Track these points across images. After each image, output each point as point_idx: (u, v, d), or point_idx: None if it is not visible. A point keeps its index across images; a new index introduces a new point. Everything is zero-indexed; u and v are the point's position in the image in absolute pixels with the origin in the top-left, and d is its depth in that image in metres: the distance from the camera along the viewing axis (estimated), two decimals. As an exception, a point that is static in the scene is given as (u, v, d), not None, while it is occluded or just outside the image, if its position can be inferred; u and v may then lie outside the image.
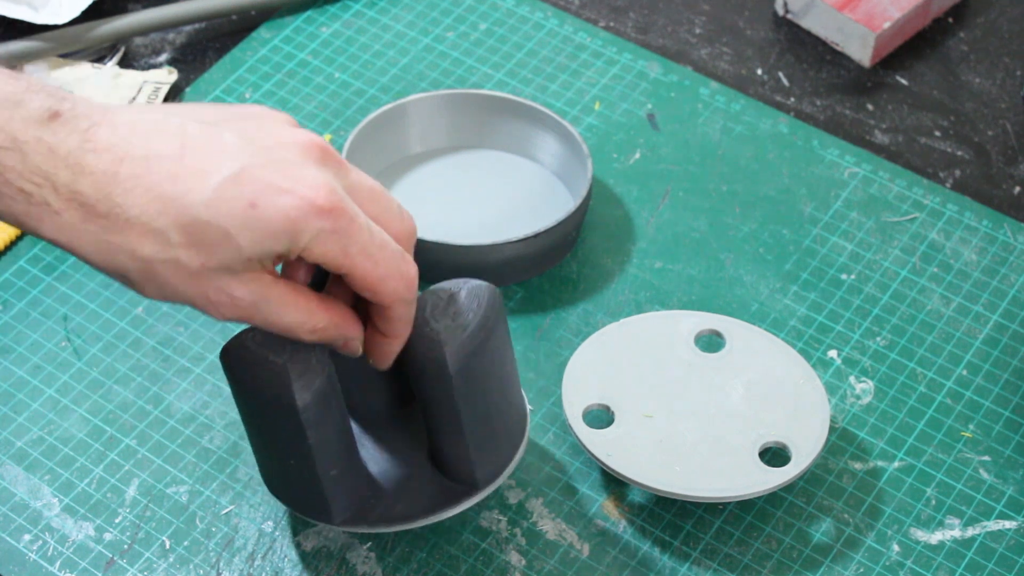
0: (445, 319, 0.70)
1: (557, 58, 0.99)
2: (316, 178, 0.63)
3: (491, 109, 0.93)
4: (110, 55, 0.99)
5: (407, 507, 0.74)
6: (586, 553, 0.77)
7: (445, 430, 0.72)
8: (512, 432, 0.75)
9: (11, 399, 0.83)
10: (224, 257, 0.62)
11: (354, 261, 0.64)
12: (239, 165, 0.62)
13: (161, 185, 0.61)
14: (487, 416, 0.72)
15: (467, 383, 0.70)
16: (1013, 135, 0.96)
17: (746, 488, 0.76)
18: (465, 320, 0.70)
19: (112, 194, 0.61)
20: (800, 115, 0.97)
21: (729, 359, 0.81)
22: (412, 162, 0.93)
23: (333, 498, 0.72)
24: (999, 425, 0.82)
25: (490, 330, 0.71)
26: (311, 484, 0.72)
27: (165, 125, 0.63)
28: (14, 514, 0.78)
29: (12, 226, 0.63)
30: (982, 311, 0.87)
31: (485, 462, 0.73)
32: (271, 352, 0.68)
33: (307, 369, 0.68)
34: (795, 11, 1.01)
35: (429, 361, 0.69)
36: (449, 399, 0.70)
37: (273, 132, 0.65)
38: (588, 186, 0.87)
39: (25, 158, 0.61)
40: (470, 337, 0.70)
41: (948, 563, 0.77)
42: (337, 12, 1.02)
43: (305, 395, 0.68)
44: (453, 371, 0.69)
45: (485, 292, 0.71)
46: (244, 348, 0.69)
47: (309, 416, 0.68)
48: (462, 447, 0.72)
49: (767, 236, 0.90)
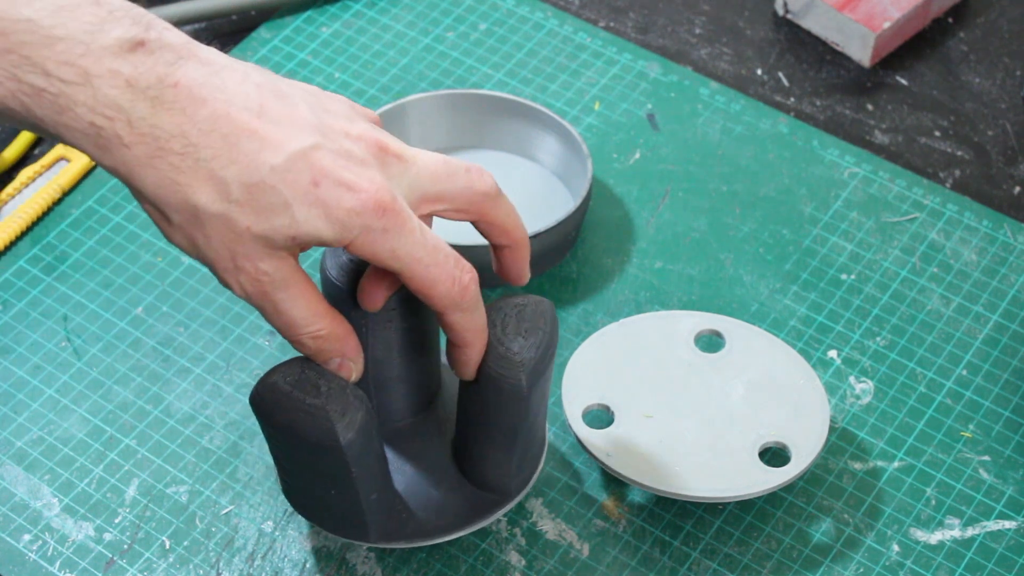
0: (519, 337, 0.69)
1: (557, 58, 0.99)
2: (374, 179, 0.63)
3: (491, 109, 0.93)
4: (110, 55, 0.99)
5: (439, 519, 0.73)
6: (586, 553, 0.77)
7: (496, 443, 0.72)
8: (542, 441, 0.76)
9: (11, 399, 0.83)
10: (274, 225, 0.62)
11: (403, 263, 0.64)
12: (312, 141, 0.62)
13: (238, 136, 0.61)
14: (533, 430, 0.73)
15: (532, 402, 0.70)
16: (1013, 135, 0.96)
17: (746, 488, 0.76)
18: (536, 339, 0.70)
19: (188, 133, 0.61)
20: (800, 115, 0.97)
21: (729, 359, 0.81)
22: (412, 162, 0.93)
23: (372, 520, 0.72)
24: (999, 425, 0.82)
25: (553, 349, 0.71)
26: (351, 509, 0.71)
27: (248, 78, 0.63)
28: (14, 514, 0.78)
29: (79, 151, 0.63)
30: (982, 311, 0.87)
31: (521, 472, 0.74)
32: (307, 394, 0.67)
33: (347, 407, 0.67)
34: (795, 11, 1.01)
35: (505, 380, 0.69)
36: (516, 416, 0.70)
37: (341, 117, 0.65)
38: (588, 186, 0.87)
39: (97, 92, 0.60)
40: (540, 358, 0.69)
41: (948, 563, 0.77)
42: (337, 12, 1.02)
43: (348, 434, 0.67)
44: (527, 391, 0.69)
45: (548, 310, 0.71)
46: (279, 392, 0.67)
47: (354, 453, 0.67)
48: (508, 460, 0.72)
49: (767, 236, 0.90)
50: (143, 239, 0.90)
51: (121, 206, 0.91)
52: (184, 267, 0.88)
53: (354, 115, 0.66)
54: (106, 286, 0.88)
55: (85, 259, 0.89)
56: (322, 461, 0.68)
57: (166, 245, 0.89)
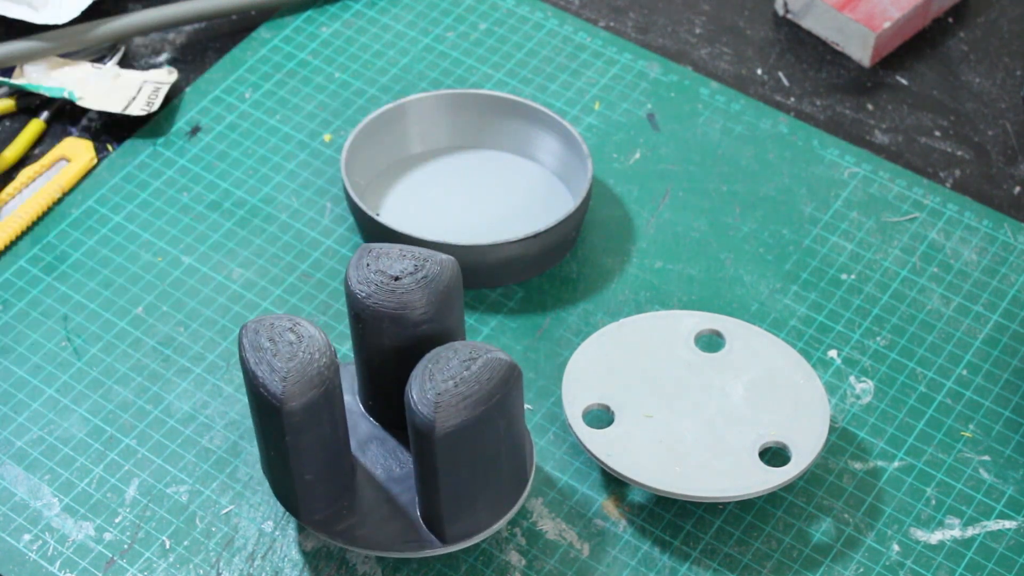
0: (448, 383, 0.69)
1: (557, 58, 0.99)
2: None
3: (492, 109, 0.93)
4: (110, 55, 0.99)
5: (372, 532, 0.74)
6: (586, 553, 0.77)
7: (424, 481, 0.72)
8: (497, 499, 0.73)
9: (11, 399, 0.83)
10: None
11: None
12: None
13: None
14: (470, 482, 0.71)
15: (452, 451, 0.69)
16: (1013, 135, 0.96)
17: (746, 488, 0.76)
18: (468, 390, 0.68)
19: None
20: (800, 115, 0.97)
21: (729, 359, 0.81)
22: (412, 162, 0.93)
23: (303, 499, 0.73)
24: (999, 425, 0.82)
25: (494, 407, 0.69)
26: (285, 479, 0.72)
27: None
28: (14, 514, 0.78)
29: None
30: (982, 311, 0.87)
31: (457, 521, 0.73)
32: (279, 354, 0.69)
33: (303, 379, 0.68)
34: (795, 11, 1.01)
35: (419, 419, 0.68)
36: (431, 458, 0.70)
37: None
38: (588, 186, 0.87)
39: None
40: (465, 409, 0.68)
41: (948, 563, 0.77)
42: (337, 12, 1.02)
43: (293, 404, 0.68)
44: (438, 437, 0.68)
45: (500, 369, 0.69)
46: (261, 335, 0.70)
47: (293, 422, 0.69)
48: (436, 503, 0.72)
49: (767, 236, 0.90)
50: (143, 239, 0.90)
51: (121, 206, 0.91)
52: (184, 267, 0.88)
53: None
54: (106, 286, 0.88)
55: (85, 259, 0.89)
56: (267, 416, 0.70)
57: (166, 245, 0.89)
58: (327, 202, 0.91)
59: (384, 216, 0.90)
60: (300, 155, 0.94)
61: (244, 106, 0.96)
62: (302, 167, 0.93)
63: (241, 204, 0.91)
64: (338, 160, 0.94)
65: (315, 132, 0.95)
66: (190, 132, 0.95)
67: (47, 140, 0.95)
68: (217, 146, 0.94)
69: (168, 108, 0.96)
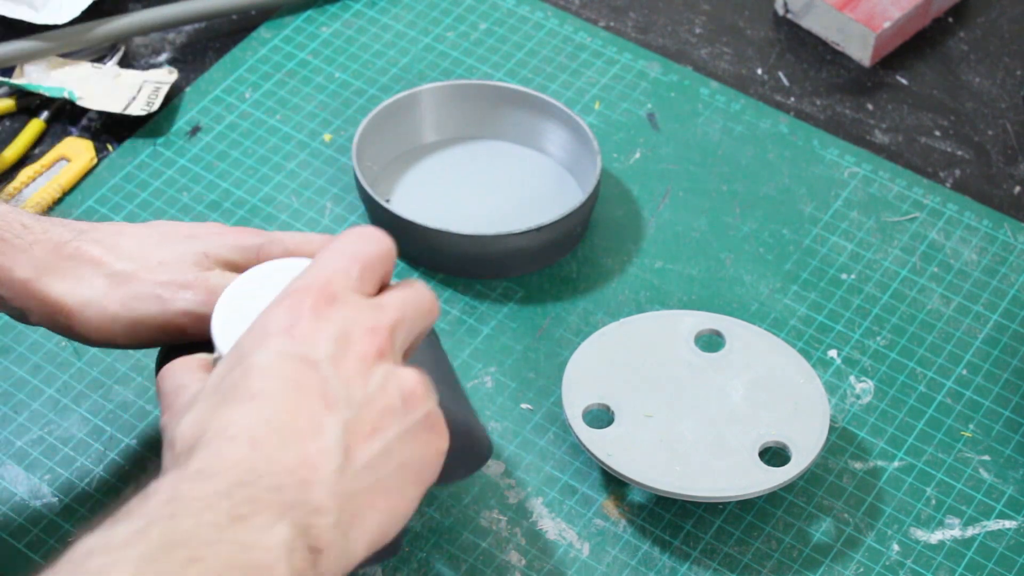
0: None
1: (557, 58, 0.99)
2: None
3: (503, 100, 0.93)
4: (110, 55, 0.99)
5: None
6: (586, 553, 0.77)
7: None
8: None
9: (11, 399, 0.83)
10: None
11: None
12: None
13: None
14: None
15: None
16: (1013, 135, 0.96)
17: (746, 488, 0.76)
18: None
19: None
20: (800, 115, 0.97)
21: (729, 359, 0.81)
22: (424, 151, 0.93)
23: None
24: (999, 425, 0.82)
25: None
26: None
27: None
28: (14, 514, 0.78)
29: None
30: (982, 311, 0.87)
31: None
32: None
33: None
34: (795, 11, 1.01)
35: None
36: None
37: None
38: (597, 180, 0.87)
39: None
40: None
41: (948, 563, 0.77)
42: (337, 12, 1.02)
43: None
44: None
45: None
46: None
47: None
48: None
49: (767, 236, 0.90)
50: (143, 239, 0.90)
51: (121, 206, 0.91)
52: (184, 267, 0.88)
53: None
54: (106, 286, 0.87)
55: (85, 259, 0.89)
56: None
57: (166, 245, 0.89)
58: (327, 202, 0.91)
59: (393, 204, 0.90)
60: (300, 155, 0.94)
61: (244, 106, 0.96)
62: (302, 167, 0.93)
63: (241, 204, 0.91)
64: (338, 159, 0.94)
65: (315, 132, 0.95)
66: (190, 132, 0.95)
67: (47, 140, 0.95)
68: (217, 146, 0.94)
69: (168, 108, 0.96)
